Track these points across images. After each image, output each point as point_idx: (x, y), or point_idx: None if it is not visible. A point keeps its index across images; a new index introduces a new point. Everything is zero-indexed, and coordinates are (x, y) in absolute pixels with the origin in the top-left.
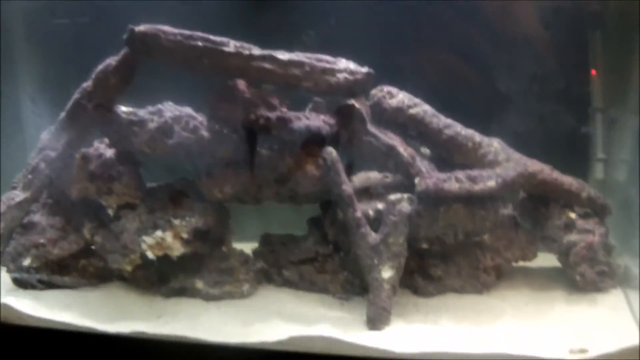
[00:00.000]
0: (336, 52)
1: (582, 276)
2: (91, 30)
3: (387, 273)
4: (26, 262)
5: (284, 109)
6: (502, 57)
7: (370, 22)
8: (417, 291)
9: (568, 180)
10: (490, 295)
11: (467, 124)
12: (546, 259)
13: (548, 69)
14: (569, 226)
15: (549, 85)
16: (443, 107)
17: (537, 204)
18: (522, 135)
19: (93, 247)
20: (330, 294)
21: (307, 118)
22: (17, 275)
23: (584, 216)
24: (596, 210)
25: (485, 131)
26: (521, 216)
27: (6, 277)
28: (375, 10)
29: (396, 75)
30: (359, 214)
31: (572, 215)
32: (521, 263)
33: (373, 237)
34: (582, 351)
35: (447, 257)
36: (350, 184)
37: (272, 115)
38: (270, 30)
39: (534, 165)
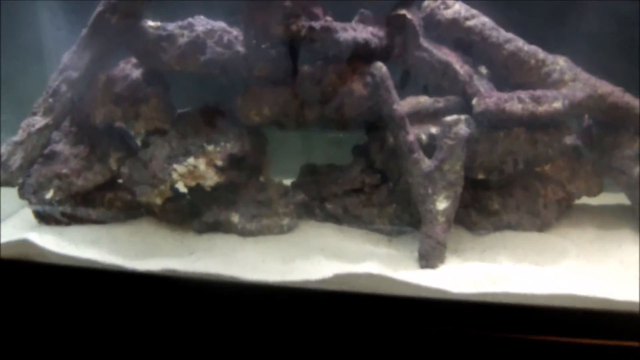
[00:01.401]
0: None
1: None
2: None
3: (442, 204)
4: (48, 194)
5: (328, 19)
6: None
7: None
8: (471, 226)
9: None
10: (551, 233)
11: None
12: (610, 197)
13: None
14: None
15: None
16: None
17: (605, 132)
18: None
19: (120, 179)
20: (377, 228)
21: (354, 29)
22: (39, 208)
23: None
24: None
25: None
26: (586, 145)
27: (27, 211)
28: None
29: None
30: (411, 137)
31: None
32: (584, 199)
33: (427, 163)
34: None
35: (504, 189)
36: (401, 104)
37: (316, 24)
38: None
39: (604, 87)
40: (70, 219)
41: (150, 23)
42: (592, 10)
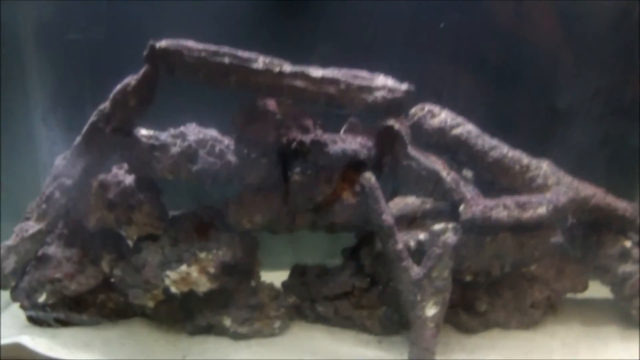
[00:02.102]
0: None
1: (638, 310)
2: (107, 47)
3: (430, 310)
4: (41, 298)
5: (319, 131)
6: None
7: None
8: (460, 327)
9: (622, 205)
10: (538, 331)
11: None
12: (597, 289)
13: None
14: (624, 255)
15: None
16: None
17: (588, 231)
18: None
19: (112, 280)
20: (367, 331)
21: (343, 141)
22: (32, 313)
23: (639, 244)
24: None
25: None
26: (571, 244)
27: (21, 313)
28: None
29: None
30: (400, 246)
31: (627, 243)
32: (570, 294)
33: (415, 271)
34: None
35: (492, 289)
36: (391, 214)
37: (306, 138)
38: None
39: (586, 190)
40: (63, 323)
41: (143, 132)
42: None
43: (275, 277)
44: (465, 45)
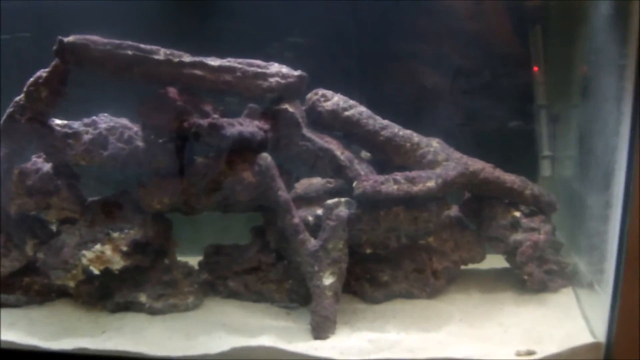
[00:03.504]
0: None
1: (530, 276)
2: (33, 46)
3: (328, 280)
4: None
5: (217, 115)
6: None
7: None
8: (364, 297)
9: (510, 178)
10: (439, 300)
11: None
12: (496, 260)
13: (491, 65)
14: (514, 225)
15: (488, 82)
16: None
17: (481, 204)
18: (466, 136)
19: (37, 264)
20: (275, 303)
21: (241, 124)
22: None
23: (529, 215)
24: (541, 208)
25: (429, 132)
26: (466, 217)
27: None
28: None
29: (330, 77)
30: (296, 220)
31: (517, 213)
32: (471, 265)
33: (312, 243)
34: (530, 353)
35: (393, 261)
36: (285, 190)
37: (204, 122)
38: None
39: (475, 164)
40: None
41: (58, 121)
42: None
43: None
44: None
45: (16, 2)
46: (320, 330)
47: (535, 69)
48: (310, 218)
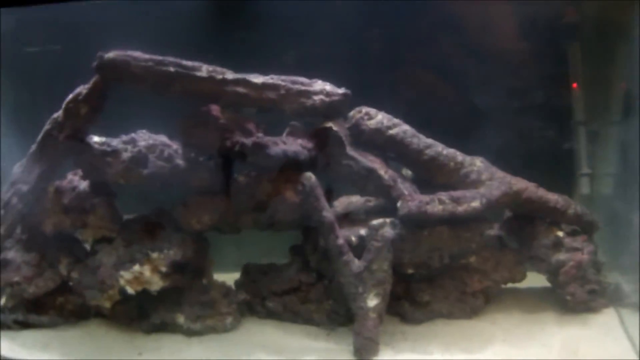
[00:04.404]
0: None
1: (573, 296)
2: (64, 58)
3: (372, 301)
4: (1, 301)
5: (260, 134)
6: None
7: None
8: (404, 318)
9: (554, 198)
10: (479, 320)
11: (447, 142)
12: (536, 279)
13: (528, 83)
14: (557, 245)
15: (530, 99)
16: (422, 125)
17: (523, 223)
18: (505, 153)
19: (70, 283)
20: (315, 324)
21: (284, 143)
22: None
23: (571, 234)
24: (583, 227)
25: (467, 149)
26: (507, 236)
27: None
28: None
29: (373, 94)
30: (341, 240)
31: (560, 233)
32: (510, 284)
33: (356, 264)
34: None
35: (433, 281)
36: (330, 210)
37: (248, 141)
38: (247, 50)
39: (519, 184)
40: (22, 325)
41: (96, 139)
42: None
43: (228, 278)
44: (391, 49)
45: (46, 14)
46: (364, 353)
47: (574, 85)
48: (353, 238)
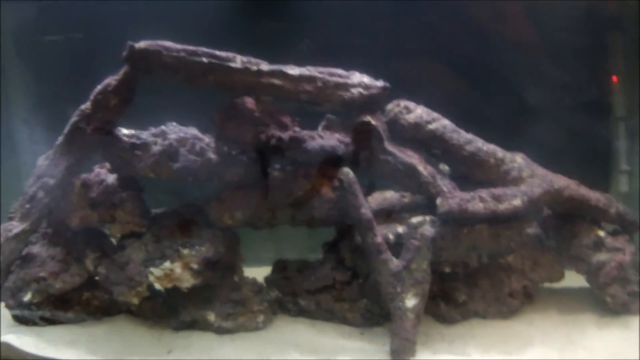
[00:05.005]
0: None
1: (613, 297)
2: (86, 47)
3: (410, 301)
4: (27, 297)
5: (297, 128)
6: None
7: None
8: (440, 317)
9: (595, 196)
10: (517, 320)
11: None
12: (574, 279)
13: (566, 77)
14: (598, 244)
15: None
16: (462, 119)
17: (563, 222)
18: (541, 148)
19: (97, 278)
20: (349, 323)
21: (321, 137)
22: (17, 312)
23: (612, 233)
24: (625, 227)
25: (505, 144)
26: (546, 234)
27: (6, 312)
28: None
29: (405, 84)
30: (379, 239)
31: (601, 232)
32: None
33: (395, 263)
34: None
35: (470, 280)
36: (369, 207)
37: (284, 135)
38: (267, 37)
39: (560, 181)
40: (49, 321)
41: (124, 131)
42: None
43: (257, 273)
44: (438, 45)
45: (67, 2)
46: (401, 353)
47: (614, 78)
48: (391, 236)
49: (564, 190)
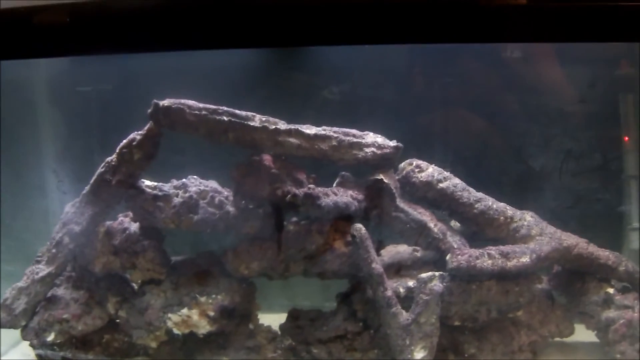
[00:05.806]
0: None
1: (623, 354)
2: (114, 98)
3: (419, 354)
4: (50, 337)
5: (311, 184)
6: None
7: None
8: None
9: (604, 254)
10: None
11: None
12: (583, 332)
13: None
14: (607, 302)
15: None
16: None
17: (573, 278)
18: (552, 207)
19: (117, 321)
20: None
21: (335, 194)
22: (41, 351)
23: (622, 290)
24: (635, 285)
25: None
26: (556, 290)
27: (30, 351)
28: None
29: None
30: (389, 292)
31: (610, 290)
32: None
33: (404, 316)
34: None
35: (480, 334)
36: (380, 262)
37: (299, 191)
38: (292, 89)
39: (569, 239)
40: None
41: (148, 183)
42: None
43: (272, 320)
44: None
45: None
46: None
47: (626, 138)
48: (401, 290)
49: (573, 249)
